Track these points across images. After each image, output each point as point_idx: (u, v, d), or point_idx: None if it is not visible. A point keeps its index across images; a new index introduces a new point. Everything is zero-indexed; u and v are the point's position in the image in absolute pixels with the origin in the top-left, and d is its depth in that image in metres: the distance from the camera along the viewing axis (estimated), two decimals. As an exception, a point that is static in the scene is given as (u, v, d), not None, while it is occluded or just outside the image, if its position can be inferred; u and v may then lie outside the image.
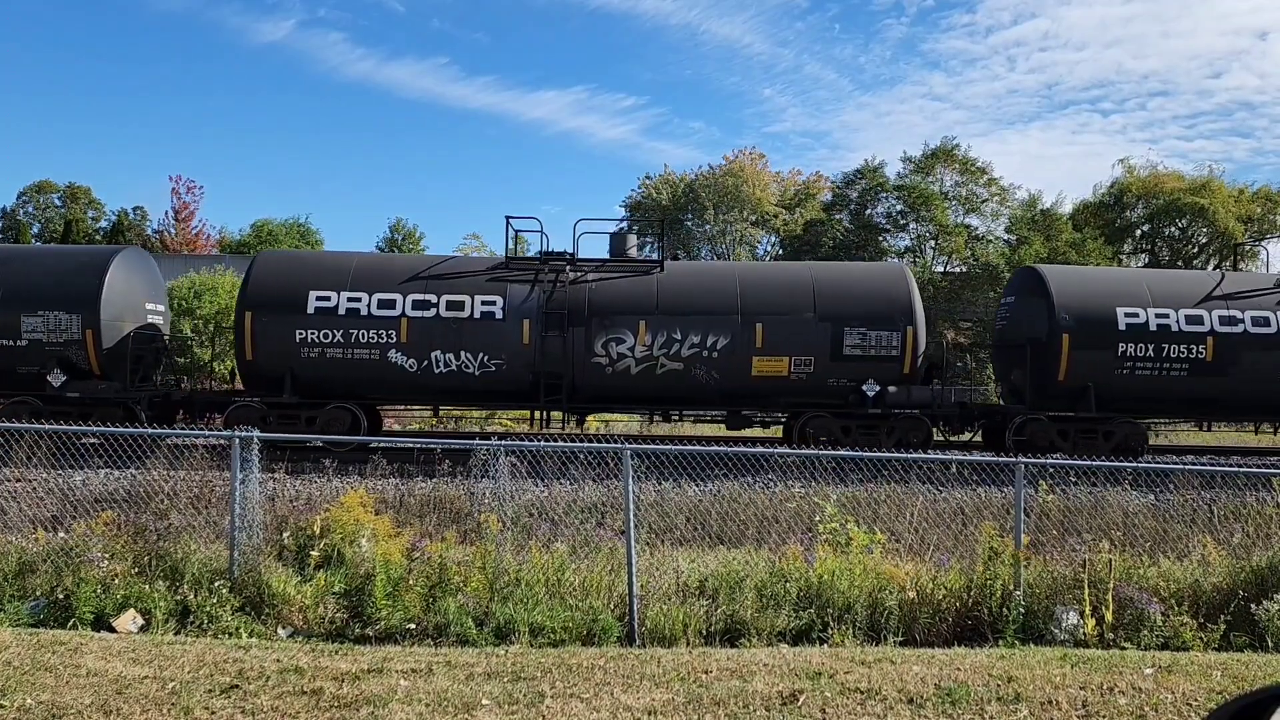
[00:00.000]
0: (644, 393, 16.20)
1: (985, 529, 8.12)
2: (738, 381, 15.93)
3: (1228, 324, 16.01)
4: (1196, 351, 15.90)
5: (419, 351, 15.75)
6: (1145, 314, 16.02)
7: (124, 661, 6.05)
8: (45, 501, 10.27)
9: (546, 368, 15.79)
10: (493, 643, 7.02)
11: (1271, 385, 16.07)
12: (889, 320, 15.98)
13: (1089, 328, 15.98)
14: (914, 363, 16.00)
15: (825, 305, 16.04)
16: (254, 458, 8.21)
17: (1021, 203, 46.26)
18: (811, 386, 15.97)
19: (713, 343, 15.78)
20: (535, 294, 16.04)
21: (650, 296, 16.09)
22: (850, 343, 15.86)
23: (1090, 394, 15.91)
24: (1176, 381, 15.98)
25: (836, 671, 6.08)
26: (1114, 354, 15.91)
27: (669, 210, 50.25)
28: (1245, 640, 7.28)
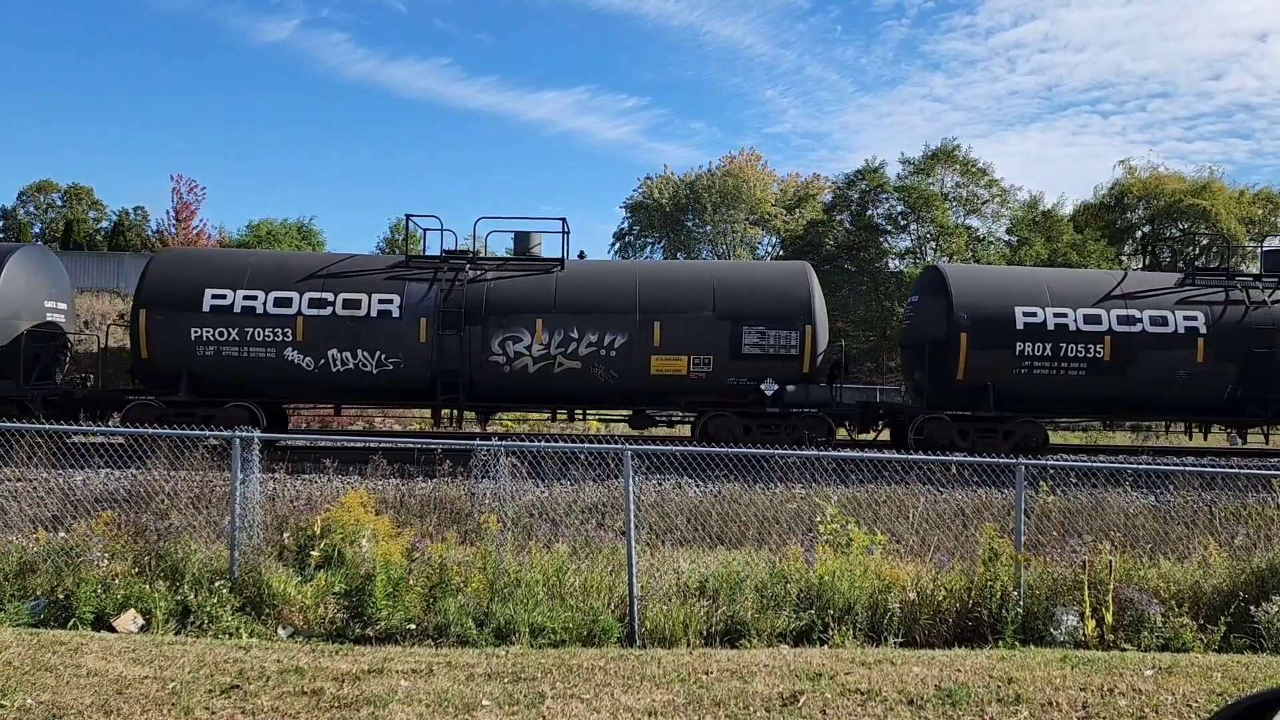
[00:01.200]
0: (543, 391, 16.20)
1: (985, 530, 8.11)
2: (637, 380, 15.91)
3: (1126, 323, 15.98)
4: (1094, 351, 15.89)
5: (315, 350, 15.76)
6: (1043, 313, 16.00)
7: (124, 661, 6.05)
8: (46, 501, 10.27)
9: (444, 366, 15.81)
10: (493, 643, 7.02)
11: (1169, 385, 16.05)
12: (788, 319, 15.94)
13: (987, 327, 15.97)
14: (813, 362, 15.97)
15: (724, 304, 16.02)
16: (254, 458, 8.21)
17: (1022, 204, 46.27)
18: (711, 385, 15.94)
19: (610, 341, 15.77)
20: (433, 292, 16.02)
21: (548, 295, 16.10)
22: (749, 342, 15.82)
23: (989, 393, 15.90)
24: (1075, 381, 15.97)
25: (837, 673, 6.07)
26: (1012, 353, 15.89)
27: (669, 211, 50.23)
28: (1245, 642, 7.28)
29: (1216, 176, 44.57)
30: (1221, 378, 16.07)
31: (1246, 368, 15.97)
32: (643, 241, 53.60)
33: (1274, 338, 15.99)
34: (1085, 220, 44.16)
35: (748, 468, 10.86)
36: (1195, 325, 16.07)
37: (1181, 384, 16.04)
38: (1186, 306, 16.26)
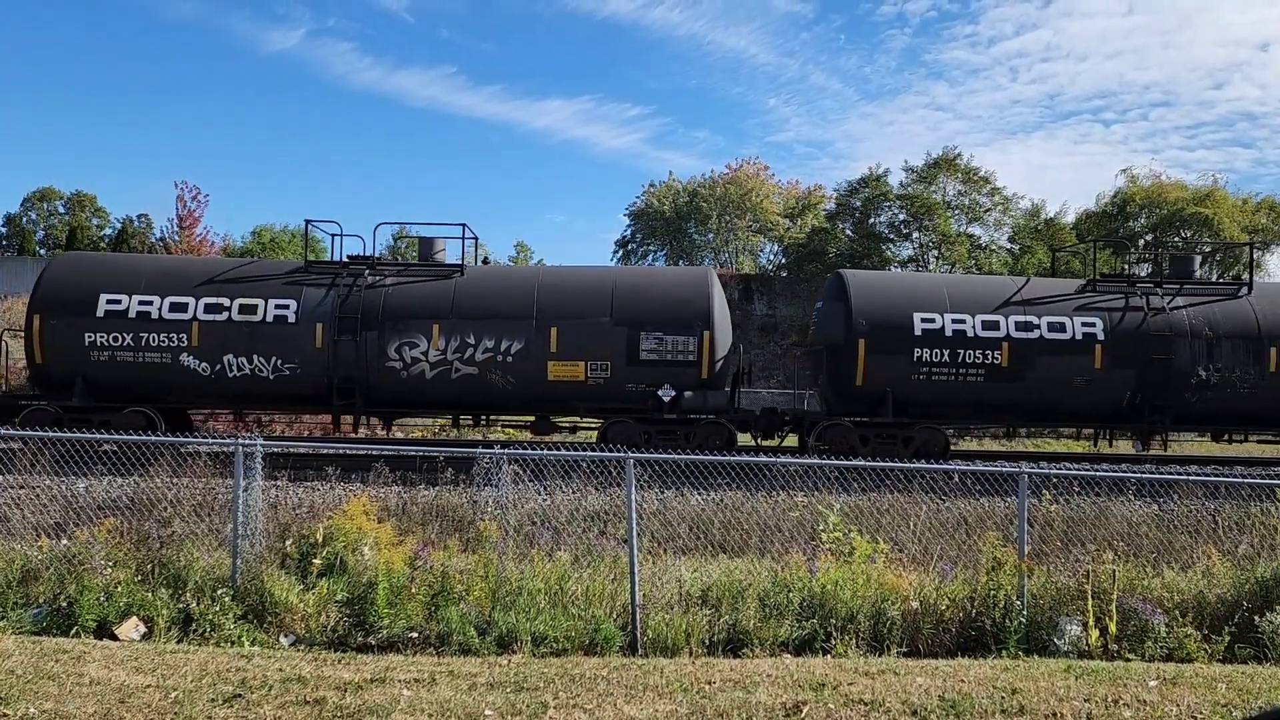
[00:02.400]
0: (440, 397, 16.16)
1: (988, 539, 8.10)
2: (534, 386, 15.87)
3: (1024, 330, 15.91)
4: (992, 357, 15.82)
5: (211, 355, 15.73)
6: (942, 319, 15.93)
7: (127, 670, 6.04)
8: (49, 508, 10.27)
9: (340, 372, 15.79)
10: (495, 652, 7.01)
11: (1068, 391, 15.97)
12: (686, 325, 15.88)
13: (885, 333, 15.91)
14: (712, 368, 15.89)
15: (622, 310, 15.97)
16: (257, 465, 8.22)
17: (1025, 212, 46.29)
18: (609, 391, 15.89)
19: (507, 347, 15.75)
20: (331, 298, 16.00)
21: (446, 301, 16.08)
22: (647, 347, 15.77)
23: (889, 399, 15.84)
24: (973, 387, 15.90)
25: (840, 682, 6.06)
26: (910, 359, 15.82)
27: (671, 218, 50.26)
28: (1250, 652, 7.25)
29: (1220, 185, 44.56)
30: (1120, 384, 15.99)
31: (1144, 374, 15.90)
32: (645, 249, 53.63)
33: (1171, 344, 15.91)
34: (1088, 228, 44.13)
35: (749, 476, 10.85)
36: (1093, 332, 15.99)
37: (1080, 390, 15.97)
38: (1085, 313, 16.17)
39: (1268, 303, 16.47)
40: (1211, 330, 16.08)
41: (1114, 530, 9.71)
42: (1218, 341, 16.03)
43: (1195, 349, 16.01)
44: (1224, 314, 16.31)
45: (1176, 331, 16.03)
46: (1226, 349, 16.01)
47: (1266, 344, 15.96)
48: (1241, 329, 16.11)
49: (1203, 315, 16.24)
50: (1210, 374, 15.96)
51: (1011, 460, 17.59)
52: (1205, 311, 16.30)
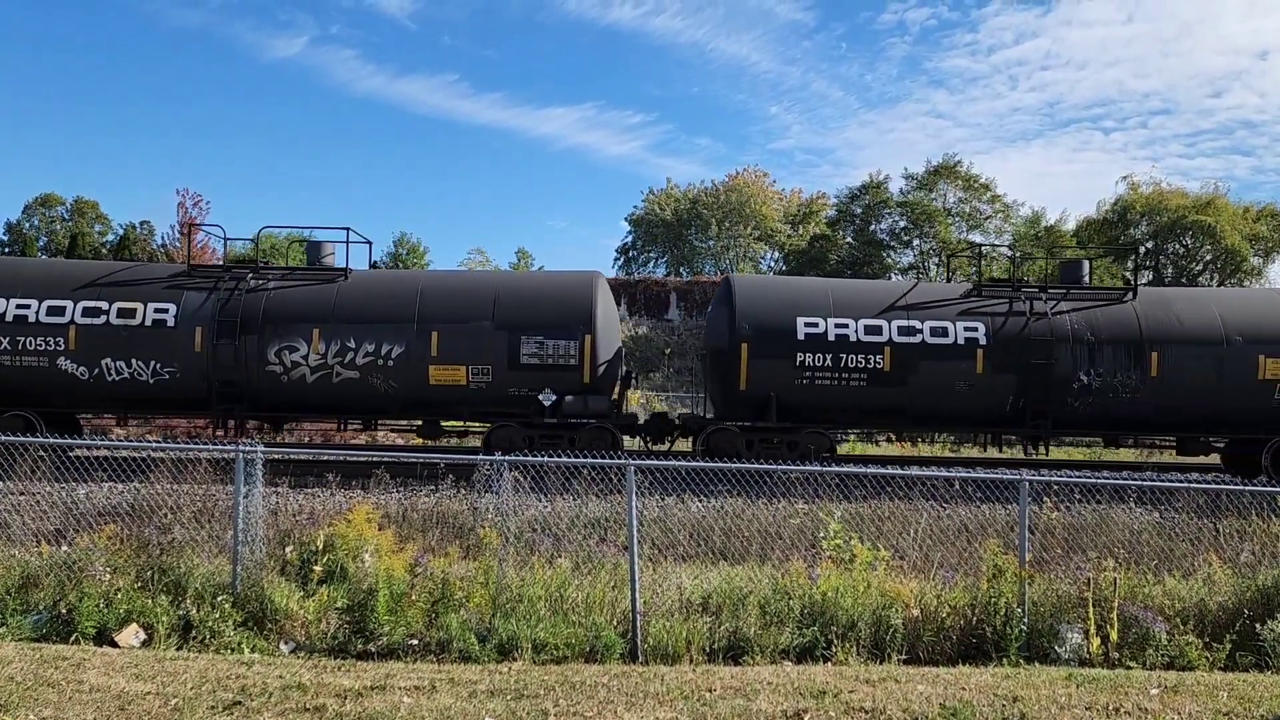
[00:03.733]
0: (322, 401, 16.11)
1: (989, 546, 8.09)
2: (416, 390, 15.83)
3: (906, 334, 15.82)
4: (874, 362, 15.73)
5: (89, 359, 15.68)
6: (825, 324, 15.86)
7: (126, 677, 6.04)
8: (49, 515, 10.28)
9: (220, 376, 15.74)
10: (495, 659, 7.00)
11: (950, 396, 15.90)
12: (568, 329, 15.83)
13: (767, 337, 15.80)
14: (594, 372, 15.84)
15: (504, 314, 15.95)
16: (258, 472, 8.21)
17: (1025, 219, 46.34)
18: (492, 396, 15.86)
19: (387, 351, 15.70)
20: (211, 301, 15.97)
21: (327, 305, 16.06)
22: (528, 351, 15.74)
23: (772, 403, 15.80)
24: (857, 391, 15.82)
25: (841, 690, 6.05)
26: (792, 364, 15.70)
27: (671, 225, 50.32)
28: (1251, 660, 7.24)
29: (1221, 193, 44.61)
30: (1003, 388, 15.90)
31: (1026, 379, 15.82)
32: (646, 255, 53.70)
33: (1053, 349, 15.80)
34: (1088, 236, 44.20)
35: (750, 483, 10.84)
36: (975, 336, 15.91)
37: (963, 395, 15.87)
38: (968, 318, 16.08)
39: (1151, 307, 16.37)
40: (1094, 335, 15.99)
41: (1115, 537, 9.69)
42: (1100, 346, 15.94)
43: (1077, 353, 15.92)
44: (1107, 318, 16.21)
45: (1058, 336, 15.93)
46: (1108, 353, 15.92)
47: (1148, 348, 15.86)
48: (1124, 333, 16.02)
49: (1085, 320, 16.15)
50: (1092, 378, 15.87)
51: (1012, 468, 17.62)
52: (1088, 316, 16.20)
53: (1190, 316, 16.17)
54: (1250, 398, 15.80)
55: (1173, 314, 16.21)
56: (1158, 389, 15.83)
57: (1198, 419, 16.23)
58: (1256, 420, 16.01)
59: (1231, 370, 15.75)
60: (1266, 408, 15.85)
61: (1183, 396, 15.86)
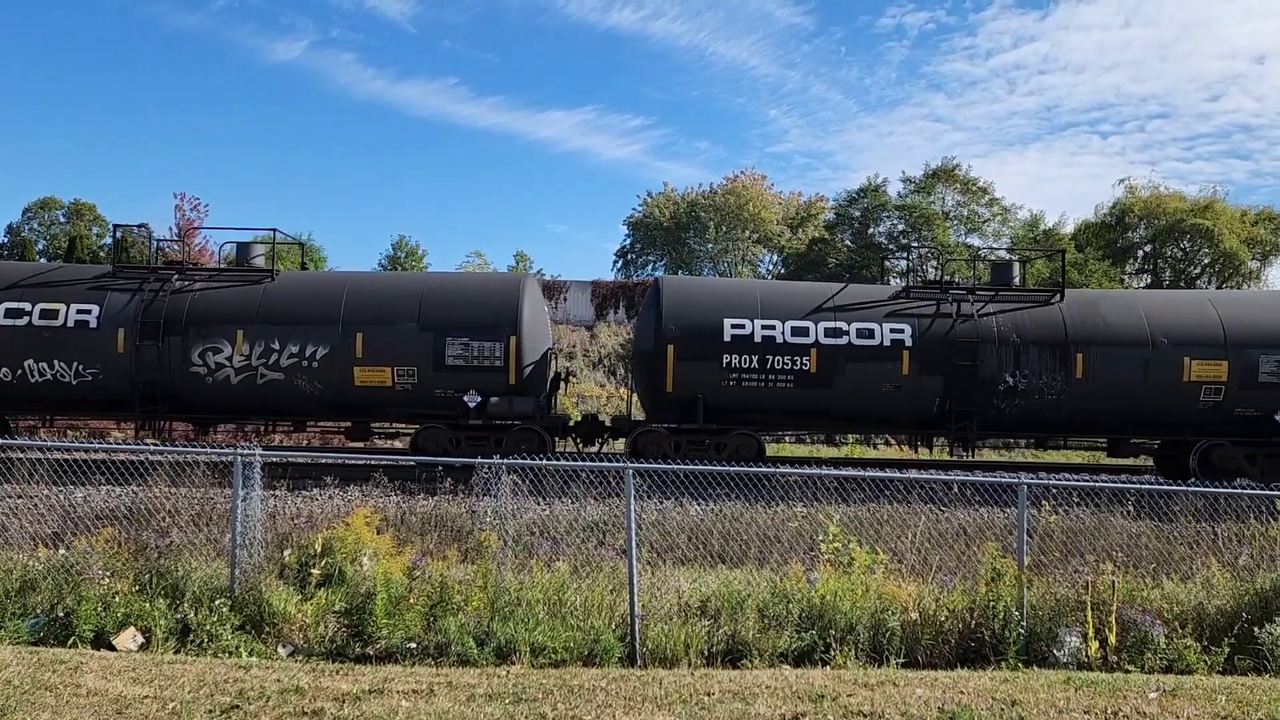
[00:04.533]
0: (247, 403, 16.12)
1: (988, 549, 8.09)
2: (342, 391, 15.84)
3: (833, 336, 15.81)
4: (801, 363, 15.70)
5: (11, 360, 15.68)
6: (751, 325, 15.82)
7: (124, 681, 6.03)
8: (46, 518, 10.26)
9: (143, 377, 15.73)
10: (494, 662, 6.99)
11: (877, 397, 15.87)
12: (493, 330, 15.85)
13: (694, 339, 15.79)
14: (519, 373, 15.88)
15: (429, 315, 15.95)
16: (256, 475, 8.20)
17: (1023, 222, 46.38)
18: (418, 397, 15.87)
19: (312, 352, 15.70)
20: (135, 302, 15.96)
21: (252, 306, 16.07)
22: (453, 352, 15.73)
23: (699, 405, 15.77)
24: (784, 393, 15.79)
25: (839, 694, 6.05)
26: (719, 365, 15.68)
27: (670, 228, 50.32)
28: (1250, 663, 7.24)
29: (1219, 196, 44.67)
30: (929, 390, 15.88)
31: (951, 380, 15.79)
32: (644, 259, 53.73)
33: (978, 351, 15.78)
34: (1086, 239, 44.25)
35: (749, 486, 10.84)
36: (901, 338, 15.88)
37: (890, 396, 15.86)
38: (895, 319, 16.05)
39: (1078, 309, 16.34)
40: (1019, 336, 15.96)
41: (1113, 541, 9.70)
42: (1025, 348, 15.91)
43: (1002, 355, 15.90)
44: (1033, 320, 16.17)
45: (984, 338, 15.90)
46: (1034, 355, 15.90)
47: (1073, 350, 15.82)
48: (1049, 335, 15.98)
49: (1012, 322, 16.12)
50: (1018, 380, 15.85)
51: (1010, 470, 17.62)
52: (1015, 318, 16.17)
53: (1116, 318, 16.16)
54: (1176, 400, 15.78)
55: (1099, 316, 16.20)
56: (1083, 391, 15.82)
57: (1124, 421, 16.20)
58: (1183, 422, 15.99)
59: (1157, 372, 15.74)
60: (1192, 410, 15.84)
61: (1108, 398, 15.87)
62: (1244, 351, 15.75)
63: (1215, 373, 15.73)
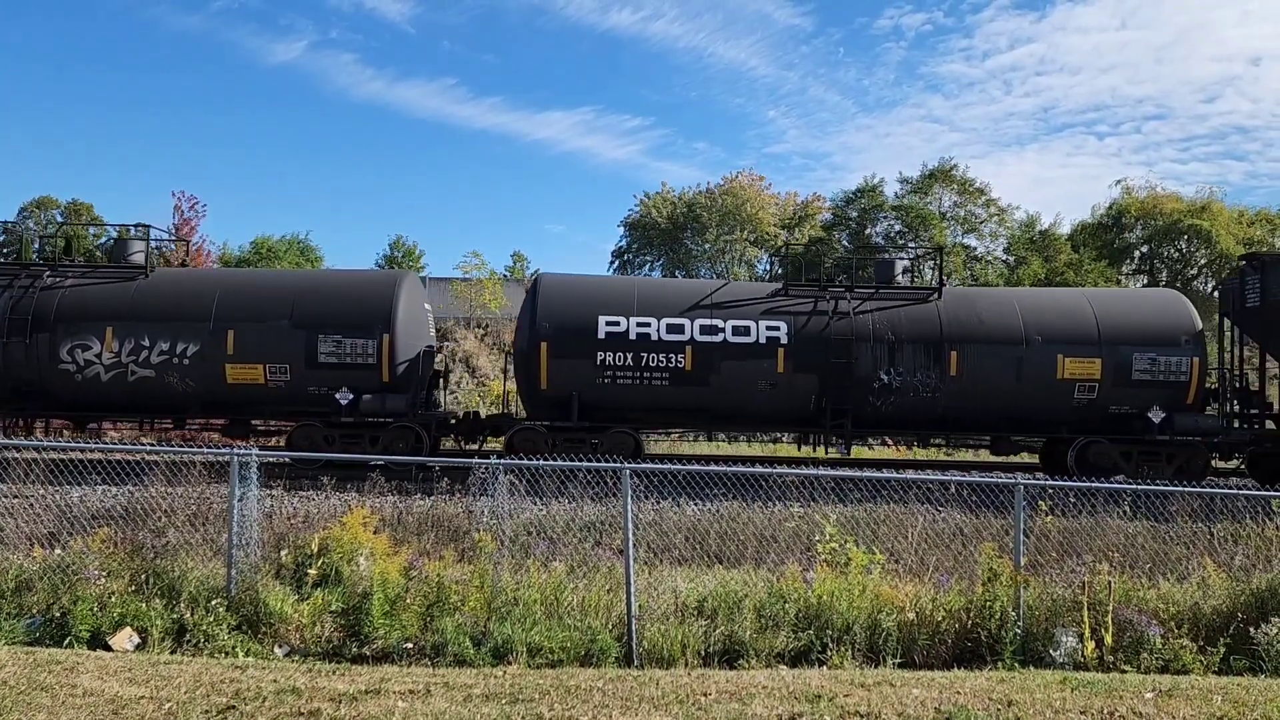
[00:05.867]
0: (120, 400, 16.07)
1: (985, 550, 8.09)
2: (214, 389, 15.83)
3: (708, 333, 15.76)
4: (676, 361, 15.66)
5: None
6: (626, 323, 15.78)
7: (120, 681, 6.02)
8: (42, 518, 10.24)
9: (12, 374, 15.73)
10: (490, 663, 6.98)
11: (753, 395, 15.85)
12: (366, 328, 15.84)
13: (568, 336, 15.76)
14: (393, 371, 15.87)
15: (302, 313, 15.94)
16: (253, 475, 8.19)
17: (1020, 223, 46.41)
18: (292, 394, 15.85)
19: (183, 350, 15.68)
20: (4, 300, 15.94)
21: (124, 303, 16.04)
22: (325, 350, 15.73)
23: (574, 403, 15.72)
24: (659, 391, 15.77)
25: (836, 694, 6.05)
26: (593, 363, 15.66)
27: (667, 229, 50.27)
28: (1245, 663, 7.25)
29: (1217, 197, 44.74)
30: (805, 388, 15.85)
31: (827, 378, 15.77)
32: (641, 259, 53.70)
33: (852, 348, 15.75)
34: (1083, 240, 44.31)
35: (746, 486, 10.84)
36: (777, 335, 15.84)
37: (766, 394, 15.83)
38: (771, 317, 15.99)
39: (954, 307, 16.32)
40: (894, 334, 15.93)
41: (1110, 541, 9.70)
42: (900, 345, 15.88)
43: (877, 353, 15.86)
44: (909, 318, 16.15)
45: (859, 335, 15.86)
46: (909, 353, 15.87)
47: (948, 347, 15.80)
48: (924, 333, 15.96)
49: (888, 319, 16.09)
50: (893, 378, 15.82)
51: (1007, 471, 17.62)
52: (891, 316, 16.15)
53: (992, 316, 16.14)
54: (1051, 397, 15.77)
55: (975, 314, 16.19)
56: (958, 388, 15.80)
57: (1001, 418, 16.17)
58: (1059, 420, 15.98)
59: (1031, 370, 15.73)
60: (1067, 407, 15.82)
61: (983, 396, 15.85)
62: (1117, 349, 15.75)
63: (1089, 371, 15.73)
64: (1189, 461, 15.59)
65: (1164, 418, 15.56)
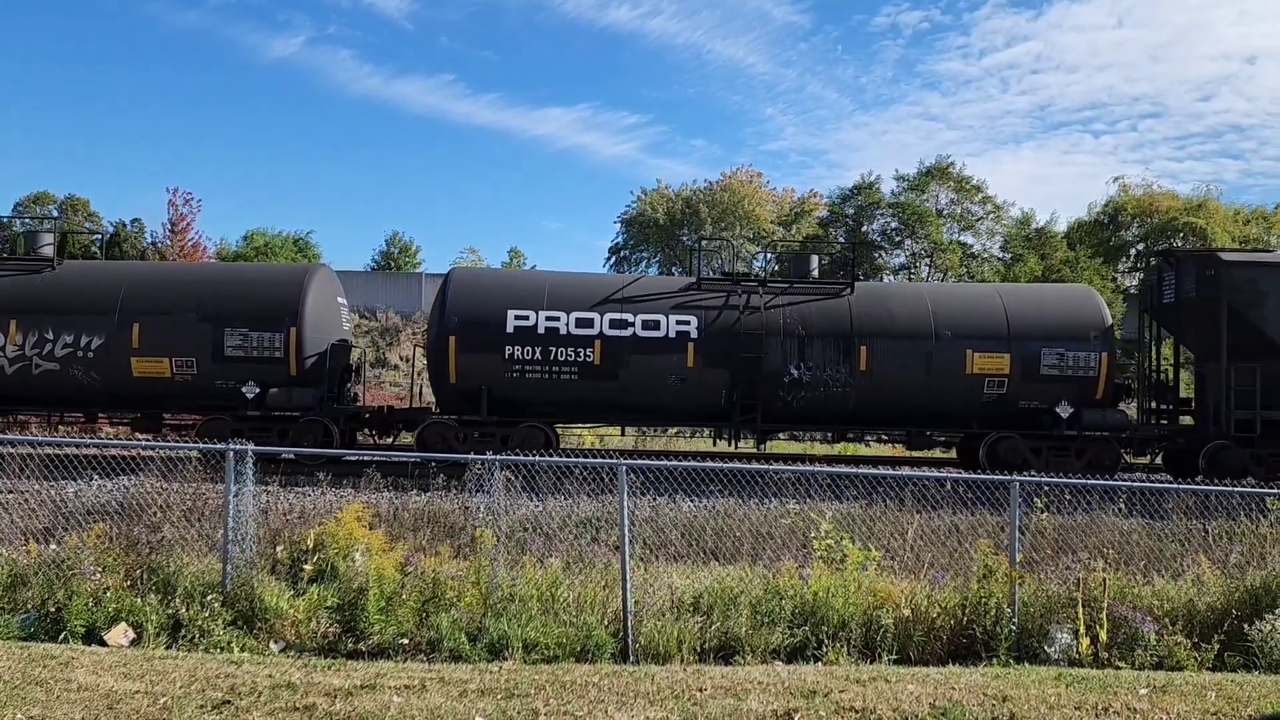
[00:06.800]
0: (24, 393, 16.13)
1: (980, 546, 8.10)
2: (120, 383, 15.88)
3: (618, 327, 15.80)
4: (585, 355, 15.72)
5: None
6: (535, 317, 15.83)
7: (115, 676, 6.01)
8: (37, 513, 10.23)
9: None
10: (486, 659, 6.98)
11: (663, 390, 15.85)
12: (273, 321, 15.90)
13: (476, 330, 15.85)
14: (301, 364, 15.89)
15: (208, 306, 16.00)
16: (248, 470, 8.18)
17: (1016, 220, 46.43)
18: (199, 388, 15.91)
19: (87, 343, 15.70)
20: None
21: (29, 296, 16.11)
22: (232, 343, 15.82)
23: (484, 396, 15.77)
24: (568, 385, 15.82)
25: (831, 690, 6.06)
26: (502, 357, 15.75)
27: (664, 225, 50.23)
28: (1239, 660, 7.27)
29: (1213, 195, 44.80)
30: (715, 383, 15.88)
31: (737, 373, 15.78)
32: (638, 256, 53.64)
33: (763, 343, 15.75)
34: (1079, 237, 44.34)
35: (742, 483, 10.84)
36: (687, 330, 15.84)
37: (676, 389, 15.85)
38: (682, 311, 16.01)
39: (865, 302, 16.35)
40: (805, 329, 15.94)
41: (1105, 538, 9.72)
42: (810, 340, 15.91)
43: (787, 347, 15.88)
44: (819, 313, 16.17)
45: (770, 330, 15.87)
46: (818, 348, 15.90)
47: (857, 342, 15.82)
48: (835, 328, 15.98)
49: (798, 314, 16.12)
50: (803, 373, 15.84)
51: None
52: (802, 310, 16.17)
53: (902, 311, 16.17)
54: (961, 392, 15.81)
55: (885, 309, 16.23)
56: (868, 383, 15.83)
57: (912, 413, 16.22)
58: (970, 415, 16.02)
59: (941, 365, 15.77)
60: (977, 402, 15.86)
61: (894, 391, 15.88)
62: (1025, 344, 15.77)
63: (998, 365, 15.75)
64: (1098, 456, 15.58)
65: (1072, 413, 15.58)
